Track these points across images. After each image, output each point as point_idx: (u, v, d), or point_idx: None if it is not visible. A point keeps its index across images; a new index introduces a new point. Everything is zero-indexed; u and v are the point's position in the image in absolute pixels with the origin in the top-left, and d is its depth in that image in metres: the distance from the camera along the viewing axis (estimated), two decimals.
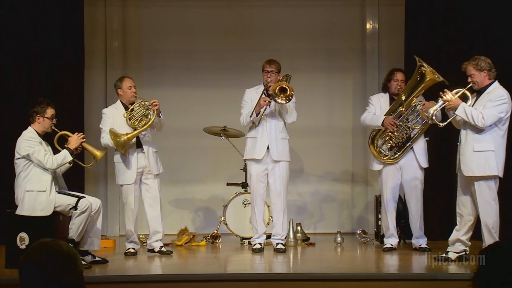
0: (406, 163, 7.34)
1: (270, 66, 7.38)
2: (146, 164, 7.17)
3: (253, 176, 7.39)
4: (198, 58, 9.39)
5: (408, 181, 7.37)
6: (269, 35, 9.43)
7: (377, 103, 7.54)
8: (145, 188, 7.23)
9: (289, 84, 7.11)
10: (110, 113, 7.23)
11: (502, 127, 6.29)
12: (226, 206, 8.26)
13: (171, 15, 9.49)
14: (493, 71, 6.36)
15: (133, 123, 7.10)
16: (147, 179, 7.21)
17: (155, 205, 7.23)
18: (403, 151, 7.30)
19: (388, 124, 7.25)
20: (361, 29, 9.53)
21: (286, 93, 7.09)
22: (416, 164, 7.32)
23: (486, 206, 6.28)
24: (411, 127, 7.21)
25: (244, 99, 7.51)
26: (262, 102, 7.22)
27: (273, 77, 7.31)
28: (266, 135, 7.32)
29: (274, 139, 7.32)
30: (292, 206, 8.66)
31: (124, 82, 7.26)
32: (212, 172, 9.33)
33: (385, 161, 7.36)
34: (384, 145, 7.36)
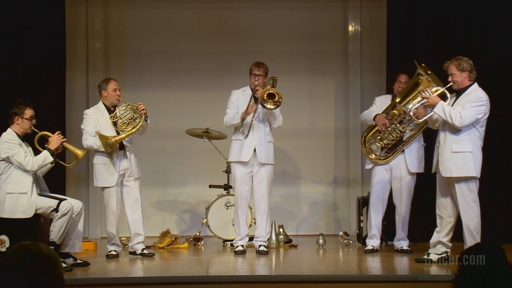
0: (396, 165, 7.37)
1: (258, 69, 7.36)
2: (128, 167, 7.15)
3: (238, 178, 7.39)
4: (181, 60, 9.38)
5: (396, 183, 7.40)
6: (252, 37, 9.45)
7: (379, 103, 7.59)
8: (126, 190, 7.20)
9: (277, 90, 7.10)
10: (93, 114, 7.19)
11: (480, 129, 6.34)
12: (209, 208, 8.24)
13: (153, 17, 9.46)
14: (474, 72, 6.41)
15: (120, 126, 7.07)
16: (128, 182, 7.18)
17: (136, 208, 7.21)
18: (394, 153, 7.32)
19: (379, 122, 7.27)
20: (343, 31, 9.56)
21: (275, 98, 7.09)
22: (404, 167, 7.34)
23: (467, 207, 6.32)
24: (402, 130, 7.23)
25: (231, 100, 7.51)
26: (250, 109, 7.21)
27: (260, 80, 7.31)
28: (253, 138, 7.32)
29: (260, 142, 7.33)
30: (274, 208, 8.65)
31: (110, 84, 7.23)
32: (194, 174, 9.31)
33: (374, 160, 7.38)
34: (374, 145, 7.38)
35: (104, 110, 7.19)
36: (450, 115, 6.24)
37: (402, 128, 7.22)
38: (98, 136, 6.97)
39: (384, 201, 7.46)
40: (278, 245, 8.03)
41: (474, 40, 8.22)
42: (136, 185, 7.21)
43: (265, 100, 7.08)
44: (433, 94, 6.44)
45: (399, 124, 7.23)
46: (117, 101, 7.19)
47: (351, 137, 9.34)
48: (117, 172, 7.10)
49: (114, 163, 7.10)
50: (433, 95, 6.44)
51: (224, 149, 7.94)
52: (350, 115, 9.36)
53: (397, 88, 7.42)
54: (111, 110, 7.19)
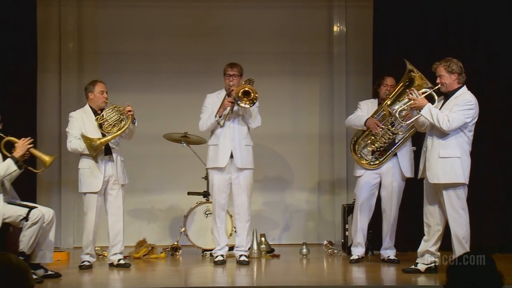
0: (388, 170, 7.37)
1: (232, 69, 7.38)
2: (113, 173, 7.14)
3: (215, 185, 7.38)
4: (158, 61, 9.38)
5: (387, 188, 7.40)
6: (232, 37, 9.45)
7: (365, 107, 7.59)
8: (110, 198, 7.19)
9: (253, 87, 7.11)
10: (78, 116, 7.20)
11: (468, 133, 6.38)
12: (187, 216, 8.23)
13: (129, 16, 9.45)
14: (463, 75, 6.45)
15: (106, 128, 7.07)
16: (113, 189, 7.17)
17: (118, 217, 7.21)
18: (386, 157, 7.33)
19: (371, 124, 7.28)
20: (328, 32, 9.59)
21: (250, 96, 7.09)
22: (398, 172, 7.36)
23: (456, 215, 6.35)
24: (395, 132, 7.25)
25: (205, 104, 7.51)
26: (227, 103, 7.21)
27: (235, 81, 7.31)
28: (229, 142, 7.31)
29: (237, 145, 7.32)
30: (256, 216, 8.66)
31: (97, 86, 7.24)
32: (172, 180, 9.30)
33: (365, 166, 7.38)
34: (366, 149, 7.37)
35: (90, 112, 7.20)
36: (437, 119, 6.27)
37: (394, 130, 7.24)
38: (82, 138, 6.96)
39: (371, 207, 7.47)
40: (259, 255, 8.03)
41: (463, 41, 8.28)
42: (120, 193, 7.20)
43: (240, 98, 7.08)
44: (420, 96, 6.47)
45: (392, 126, 7.24)
46: (104, 103, 7.19)
47: (336, 142, 9.37)
48: (102, 178, 7.09)
49: (99, 167, 7.08)
50: (420, 96, 6.46)
51: (203, 154, 7.92)
52: (335, 119, 9.40)
53: (383, 91, 7.44)
54: (97, 113, 7.19)
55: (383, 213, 7.46)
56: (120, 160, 7.21)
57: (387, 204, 7.42)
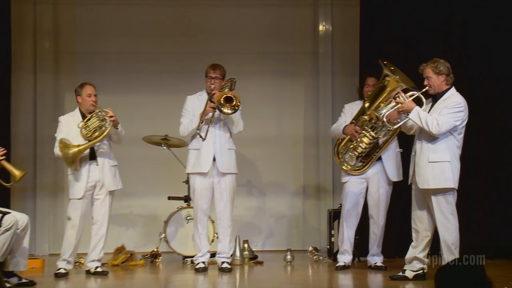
0: (373, 175, 7.38)
1: (214, 71, 7.35)
2: (99, 178, 7.10)
3: (197, 190, 7.35)
4: (138, 61, 9.35)
5: (373, 194, 7.41)
6: (214, 36, 9.44)
7: (349, 111, 7.59)
8: (96, 203, 7.17)
9: (235, 94, 7.09)
10: (66, 121, 7.20)
11: (458, 136, 6.39)
12: (167, 222, 8.21)
13: (108, 14, 9.42)
14: (451, 76, 6.46)
15: (86, 134, 7.05)
16: (99, 195, 7.16)
17: (103, 223, 7.19)
18: (369, 161, 7.33)
19: (349, 132, 7.29)
20: (313, 31, 9.60)
21: (232, 103, 7.07)
22: (384, 176, 7.37)
23: (445, 221, 6.36)
24: (375, 136, 7.25)
25: (185, 107, 7.47)
26: (208, 108, 7.18)
27: (217, 83, 7.29)
28: (211, 146, 7.28)
29: (220, 149, 7.29)
30: (238, 221, 8.64)
31: (84, 89, 7.22)
32: (152, 184, 9.28)
33: (349, 171, 7.38)
34: (348, 155, 7.37)
35: (78, 116, 7.20)
36: (426, 122, 6.28)
37: (375, 134, 7.24)
38: (59, 146, 6.96)
39: (358, 214, 7.48)
40: (242, 262, 8.02)
41: (453, 41, 8.29)
42: (107, 199, 7.19)
43: (222, 104, 7.06)
44: (408, 99, 6.47)
45: (372, 130, 7.25)
46: (92, 107, 7.16)
47: (321, 145, 9.37)
48: (85, 183, 7.06)
49: (83, 173, 7.07)
50: (408, 100, 6.47)
51: (184, 157, 7.87)
52: (320, 121, 9.40)
53: (366, 92, 7.46)
54: (86, 116, 7.16)
55: (370, 219, 7.47)
56: (109, 165, 7.19)
57: (374, 211, 7.42)
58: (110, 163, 7.20)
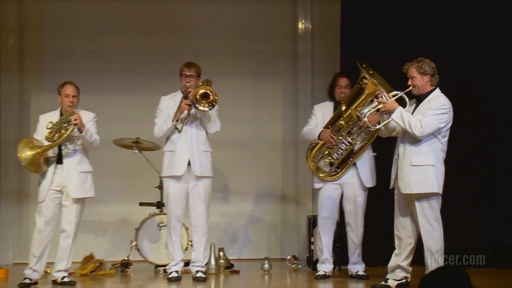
0: (347, 180, 7.39)
1: (189, 69, 7.33)
2: (64, 184, 7.05)
3: (171, 195, 7.32)
4: (108, 60, 9.33)
5: (348, 200, 7.42)
6: (188, 35, 9.44)
7: (319, 113, 7.58)
8: (64, 211, 7.13)
9: (212, 88, 7.07)
10: (44, 120, 7.17)
11: (442, 139, 6.40)
12: (139, 229, 8.17)
13: (76, 11, 9.38)
14: (436, 77, 6.47)
15: (47, 135, 7.00)
16: (66, 201, 7.11)
17: (68, 233, 7.11)
18: (344, 167, 7.33)
19: (325, 138, 7.28)
20: (292, 29, 9.61)
21: (209, 98, 7.04)
22: (357, 181, 7.38)
23: (429, 227, 6.36)
24: (352, 142, 7.25)
25: (159, 107, 7.45)
26: (184, 106, 7.15)
27: (192, 82, 7.27)
28: (186, 148, 7.25)
29: (195, 152, 7.26)
30: (214, 228, 8.62)
31: (64, 88, 7.20)
32: (123, 190, 9.27)
33: (324, 178, 7.38)
34: (322, 161, 7.37)
35: (57, 116, 7.16)
36: (409, 123, 6.29)
37: (352, 140, 7.24)
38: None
39: (334, 221, 7.51)
40: (218, 271, 8.01)
41: (437, 41, 8.32)
42: (73, 208, 7.11)
43: (198, 100, 7.03)
44: (390, 99, 6.47)
45: (348, 136, 7.25)
46: (69, 108, 7.11)
47: (300, 148, 9.36)
48: (47, 187, 7.02)
49: (46, 176, 7.04)
50: (390, 99, 6.47)
51: (157, 161, 7.87)
52: (299, 123, 9.37)
53: (338, 94, 7.45)
54: None
55: (347, 226, 7.48)
56: (77, 171, 7.12)
57: (352, 218, 7.43)
58: (79, 169, 7.13)
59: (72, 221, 7.11)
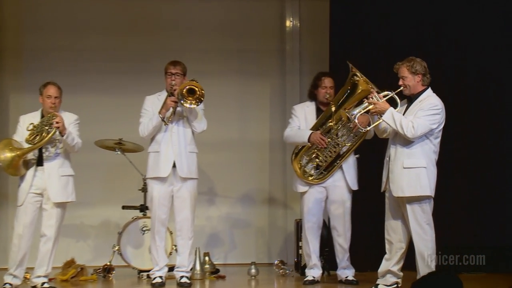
0: (333, 183, 7.38)
1: (175, 67, 7.32)
2: (45, 188, 7.01)
3: (155, 198, 7.30)
4: (89, 59, 9.32)
5: (335, 204, 7.40)
6: (173, 33, 9.44)
7: (301, 114, 7.56)
8: (44, 215, 7.11)
9: (197, 83, 7.04)
10: (24, 121, 7.16)
11: (434, 141, 6.41)
12: (121, 233, 8.17)
13: (56, 8, 9.37)
14: (427, 76, 6.49)
15: (28, 138, 6.98)
16: (46, 205, 7.08)
17: (50, 238, 7.09)
18: (331, 170, 7.32)
19: (316, 140, 7.26)
20: (279, 27, 9.62)
21: (195, 94, 7.02)
22: (344, 184, 7.37)
23: (420, 231, 6.37)
24: (341, 143, 7.24)
25: (144, 107, 7.43)
26: (169, 102, 7.13)
27: (177, 80, 7.26)
28: (171, 148, 7.23)
29: (181, 152, 7.24)
30: (199, 232, 8.61)
31: (46, 89, 7.18)
32: (105, 193, 9.25)
33: (310, 181, 7.37)
34: (310, 164, 7.35)
35: (38, 118, 7.15)
36: (400, 124, 6.29)
37: (341, 141, 7.22)
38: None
39: (320, 224, 7.50)
40: (203, 276, 8.00)
41: (427, 41, 8.32)
42: (55, 212, 7.08)
43: (184, 96, 7.01)
44: (381, 100, 6.48)
45: (338, 137, 7.23)
46: (51, 110, 7.09)
47: (288, 150, 9.32)
48: (26, 190, 7.01)
49: (26, 179, 7.02)
50: (381, 100, 6.47)
51: (140, 163, 7.84)
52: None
53: (322, 94, 7.42)
54: None
55: (333, 231, 7.46)
56: (58, 174, 7.09)
57: (339, 222, 7.41)
58: (60, 172, 7.10)
59: (53, 226, 7.09)
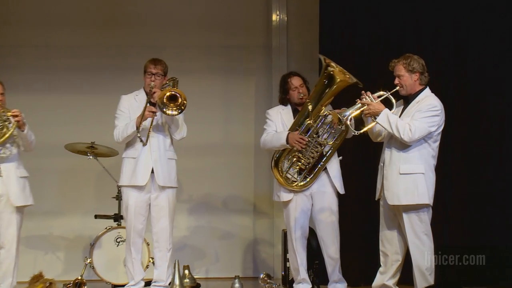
0: (319, 188, 7.31)
1: (156, 67, 7.27)
2: (3, 192, 6.97)
3: (131, 207, 7.26)
4: (59, 56, 9.30)
5: (323, 212, 7.34)
6: (151, 27, 9.43)
7: (277, 118, 7.48)
8: (2, 223, 7.05)
9: (180, 90, 7.01)
10: None
11: (433, 144, 6.40)
12: (94, 245, 8.14)
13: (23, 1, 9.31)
14: (426, 75, 6.47)
15: None
16: (4, 212, 7.03)
17: (12, 247, 7.04)
18: (315, 173, 7.26)
19: (295, 141, 7.19)
20: (265, 22, 9.62)
21: (177, 101, 6.98)
22: (331, 189, 7.31)
23: (418, 242, 6.36)
24: (323, 143, 7.20)
25: (120, 108, 7.38)
26: (147, 113, 7.09)
27: (157, 81, 7.22)
28: (149, 155, 7.20)
29: (159, 159, 7.21)
30: (178, 244, 8.59)
31: None
32: (76, 201, 9.22)
33: (294, 188, 7.31)
34: (292, 168, 7.29)
35: None
36: (396, 127, 6.27)
37: (322, 140, 7.15)
38: None
39: (306, 236, 7.42)
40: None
41: (425, 35, 8.33)
42: (14, 218, 7.03)
43: (165, 104, 6.98)
44: (375, 100, 6.46)
45: (318, 136, 7.16)
46: None
47: None
48: None
49: None
50: (375, 101, 6.46)
51: (115, 169, 7.79)
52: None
53: (296, 95, 7.33)
54: None
55: (320, 242, 7.36)
56: (16, 176, 7.05)
57: (328, 231, 7.31)
58: (18, 174, 7.07)
59: (14, 234, 7.03)
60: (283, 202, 7.38)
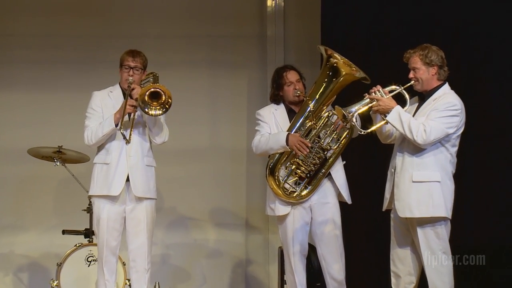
0: (319, 199, 7.24)
1: (134, 59, 7.20)
2: None
3: (104, 220, 7.18)
4: (20, 46, 9.32)
5: (325, 226, 7.27)
6: (128, 15, 9.46)
7: (270, 118, 7.40)
8: None
9: (164, 87, 6.92)
10: None
11: (451, 149, 6.35)
12: (61, 265, 8.11)
13: None
14: (445, 69, 6.43)
15: None
16: None
17: None
18: (317, 181, 7.18)
19: (296, 144, 7.11)
20: (259, 9, 9.65)
21: (161, 99, 6.91)
22: (333, 200, 7.24)
23: (435, 262, 6.32)
24: (326, 148, 7.12)
25: (91, 106, 7.30)
26: (128, 107, 7.00)
27: (136, 76, 7.16)
28: (124, 161, 7.13)
29: (136, 165, 7.13)
30: (158, 263, 8.56)
31: None
32: (40, 214, 9.22)
33: (292, 200, 7.23)
34: (290, 178, 7.20)
35: None
36: (409, 127, 6.22)
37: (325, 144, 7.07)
38: None
39: (306, 254, 7.37)
40: None
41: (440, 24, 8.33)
42: None
43: (146, 102, 6.90)
44: (386, 95, 6.40)
45: (321, 139, 7.08)
46: None
47: None
48: None
49: None
50: (386, 96, 6.40)
51: (85, 176, 7.72)
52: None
53: (291, 92, 7.25)
54: None
55: (321, 261, 7.30)
56: None
57: (330, 248, 7.25)
58: None
59: None
60: (278, 217, 7.30)
